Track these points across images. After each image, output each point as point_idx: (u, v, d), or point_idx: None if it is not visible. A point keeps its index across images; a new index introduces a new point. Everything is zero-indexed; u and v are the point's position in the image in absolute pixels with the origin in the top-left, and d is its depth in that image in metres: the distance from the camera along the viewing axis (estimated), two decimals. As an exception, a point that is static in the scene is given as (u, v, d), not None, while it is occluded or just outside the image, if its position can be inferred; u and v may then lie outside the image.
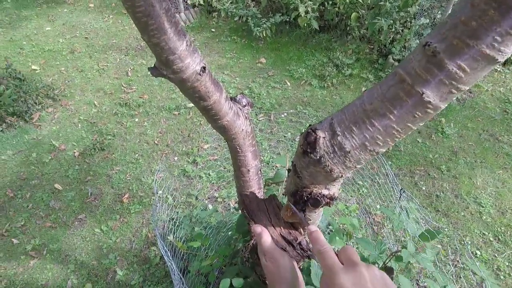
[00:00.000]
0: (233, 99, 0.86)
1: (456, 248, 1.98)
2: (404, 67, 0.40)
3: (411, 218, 0.93)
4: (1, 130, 2.85)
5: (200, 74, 0.62)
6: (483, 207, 2.23)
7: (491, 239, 2.05)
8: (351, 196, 2.31)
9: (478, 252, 1.99)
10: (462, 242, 2.03)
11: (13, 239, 2.19)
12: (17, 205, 2.38)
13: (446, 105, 0.40)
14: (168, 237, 1.15)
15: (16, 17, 4.25)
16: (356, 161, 0.46)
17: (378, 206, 2.19)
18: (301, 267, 0.95)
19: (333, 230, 1.26)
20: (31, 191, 2.47)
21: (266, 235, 0.61)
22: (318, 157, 0.47)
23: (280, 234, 0.66)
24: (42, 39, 3.91)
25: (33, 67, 3.51)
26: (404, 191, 0.95)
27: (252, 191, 0.93)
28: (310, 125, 0.51)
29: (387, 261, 0.91)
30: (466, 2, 0.34)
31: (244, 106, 0.87)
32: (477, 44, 0.33)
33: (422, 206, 2.25)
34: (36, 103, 3.04)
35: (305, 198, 0.53)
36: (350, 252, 0.45)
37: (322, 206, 0.54)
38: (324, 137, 0.46)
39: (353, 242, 1.32)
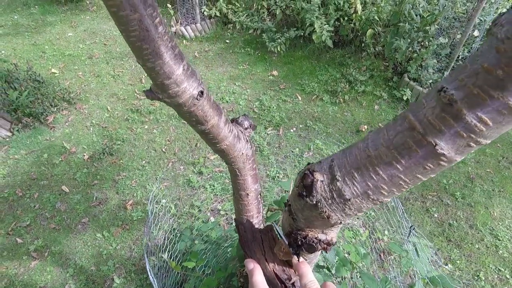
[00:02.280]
0: (234, 120, 0.83)
1: (469, 283, 1.84)
2: (414, 113, 0.35)
3: (421, 257, 0.86)
4: (17, 130, 2.93)
5: (197, 99, 0.59)
6: (499, 240, 2.08)
7: (508, 276, 1.91)
8: (357, 218, 2.22)
9: (494, 290, 1.85)
10: (476, 277, 1.89)
11: (17, 238, 2.21)
12: (25, 205, 2.41)
13: (463, 157, 0.35)
14: (163, 255, 1.11)
15: (41, 23, 4.45)
16: (357, 209, 0.42)
17: (386, 232, 2.09)
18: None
19: (339, 259, 1.19)
20: (39, 191, 2.51)
21: (258, 274, 0.56)
22: (314, 202, 0.42)
23: (274, 270, 0.61)
24: (63, 44, 4.06)
25: (53, 70, 3.63)
26: (414, 228, 0.88)
27: (248, 219, 0.89)
28: (308, 164, 0.46)
29: (392, 303, 0.84)
30: (490, 46, 0.29)
31: (246, 128, 0.84)
32: (503, 96, 0.29)
33: (433, 234, 2.13)
34: (52, 105, 3.13)
35: (299, 242, 0.49)
36: None
37: (318, 251, 0.49)
38: (322, 181, 0.42)
39: (356, 273, 1.24)
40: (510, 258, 2.01)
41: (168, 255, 1.11)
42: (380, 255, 2.02)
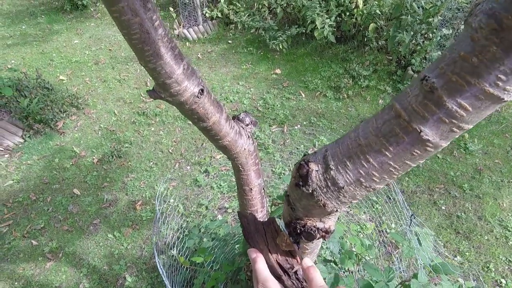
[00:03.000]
0: (236, 117, 0.86)
1: (479, 275, 1.83)
2: (400, 101, 0.37)
3: (424, 246, 0.87)
4: (29, 136, 3.02)
5: (198, 97, 0.62)
6: (509, 231, 2.06)
7: (520, 267, 1.89)
8: (364, 213, 2.22)
9: (503, 281, 1.83)
10: (485, 269, 1.88)
11: (32, 241, 2.28)
12: (39, 208, 2.49)
13: (448, 143, 0.37)
14: (172, 251, 1.14)
15: (48, 31, 4.56)
16: (351, 196, 0.44)
17: (393, 225, 2.09)
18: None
19: (343, 251, 1.21)
20: (52, 195, 2.59)
21: (260, 262, 0.58)
22: (310, 191, 0.44)
23: (277, 260, 0.63)
24: (70, 51, 4.16)
25: (61, 77, 3.73)
26: (414, 217, 0.89)
27: (251, 212, 0.91)
28: (304, 155, 0.49)
29: (396, 292, 0.85)
30: (466, 35, 0.31)
31: (247, 125, 0.86)
32: (479, 82, 0.30)
33: (441, 227, 2.12)
34: (61, 111, 3.21)
35: (299, 230, 0.51)
36: None
37: (317, 239, 0.52)
38: (317, 170, 0.44)
39: (362, 264, 1.26)
40: (521, 249, 1.98)
41: (177, 251, 1.15)
42: (386, 248, 2.03)
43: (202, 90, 0.63)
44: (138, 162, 2.78)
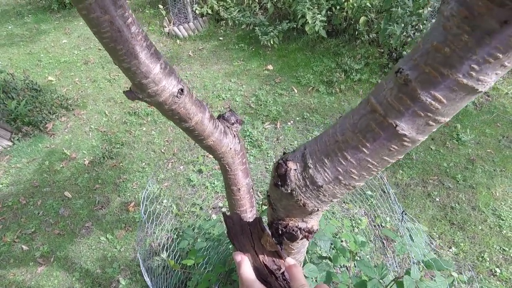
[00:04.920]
0: (221, 116, 0.84)
1: (474, 265, 1.85)
2: (375, 95, 0.36)
3: (416, 241, 0.86)
4: (17, 139, 2.96)
5: (177, 97, 0.60)
6: (503, 220, 2.08)
7: (512, 256, 1.91)
8: (359, 207, 2.23)
9: (498, 270, 1.85)
10: (480, 259, 1.90)
11: (23, 246, 2.25)
12: (29, 212, 2.45)
13: (426, 137, 0.36)
14: (162, 255, 1.13)
15: (35, 31, 4.46)
16: (331, 195, 0.42)
17: (388, 219, 2.10)
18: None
19: (336, 249, 1.20)
20: (42, 198, 2.55)
21: (245, 265, 0.57)
22: (289, 191, 0.43)
23: (263, 262, 0.62)
24: (58, 51, 4.07)
25: (50, 78, 3.65)
26: (405, 213, 0.88)
27: (241, 212, 0.90)
28: (284, 153, 0.47)
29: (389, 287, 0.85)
30: (438, 24, 0.30)
31: (233, 124, 0.84)
32: (452, 73, 0.29)
33: (436, 218, 2.13)
34: (50, 112, 3.15)
35: (280, 231, 0.50)
36: None
37: (300, 240, 0.50)
38: (295, 169, 0.43)
39: (356, 261, 1.25)
40: (513, 238, 2.01)
41: (167, 254, 1.13)
42: (382, 242, 2.03)
43: (182, 90, 0.61)
44: (130, 163, 2.75)
